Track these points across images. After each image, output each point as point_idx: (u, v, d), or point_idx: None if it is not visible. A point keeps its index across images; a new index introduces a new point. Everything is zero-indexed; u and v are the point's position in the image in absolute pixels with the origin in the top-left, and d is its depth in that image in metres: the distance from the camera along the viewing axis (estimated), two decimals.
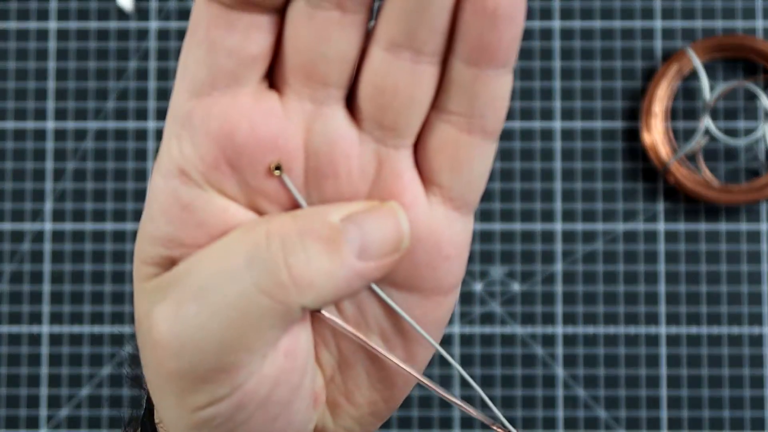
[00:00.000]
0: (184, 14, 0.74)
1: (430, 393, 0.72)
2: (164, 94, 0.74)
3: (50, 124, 0.74)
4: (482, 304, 0.72)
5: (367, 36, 0.27)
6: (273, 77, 0.28)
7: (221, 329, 0.27)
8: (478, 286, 0.72)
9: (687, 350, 0.72)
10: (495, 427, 0.32)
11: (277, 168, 0.28)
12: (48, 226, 0.73)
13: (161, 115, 0.74)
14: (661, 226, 0.72)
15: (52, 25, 0.74)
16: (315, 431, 0.32)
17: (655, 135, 0.72)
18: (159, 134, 0.74)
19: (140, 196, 0.73)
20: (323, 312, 0.29)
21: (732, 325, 0.72)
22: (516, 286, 0.72)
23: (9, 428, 0.72)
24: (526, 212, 0.73)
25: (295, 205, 0.28)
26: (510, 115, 0.73)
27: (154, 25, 0.74)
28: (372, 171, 0.28)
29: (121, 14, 0.75)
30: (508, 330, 0.72)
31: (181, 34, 0.74)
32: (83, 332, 0.73)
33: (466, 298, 0.72)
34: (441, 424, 0.72)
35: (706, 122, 0.72)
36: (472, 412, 0.32)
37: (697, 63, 0.72)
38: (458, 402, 0.32)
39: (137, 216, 0.73)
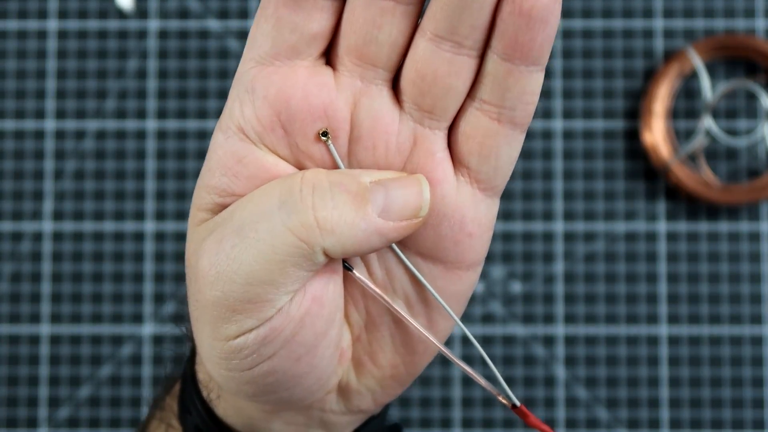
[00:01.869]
0: (184, 14, 0.74)
1: (431, 393, 0.72)
2: (164, 94, 0.74)
3: (50, 124, 0.74)
4: (483, 304, 0.72)
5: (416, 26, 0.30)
6: (330, 55, 0.31)
7: (251, 261, 0.29)
8: (478, 287, 0.72)
9: (688, 351, 0.71)
10: (500, 398, 0.34)
11: (324, 134, 0.31)
12: (47, 226, 0.73)
13: (161, 114, 0.74)
14: (661, 227, 0.72)
15: (52, 24, 0.74)
16: (339, 386, 0.34)
17: (656, 135, 0.72)
18: (159, 134, 0.73)
19: (140, 195, 0.73)
20: (354, 272, 0.32)
21: (733, 325, 0.72)
22: (517, 286, 0.72)
23: (9, 428, 0.72)
24: (526, 212, 0.72)
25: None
26: None
27: (153, 25, 0.74)
28: (408, 147, 0.31)
29: (121, 14, 0.74)
30: (508, 330, 0.72)
31: (180, 34, 0.74)
32: (83, 332, 0.72)
33: None
34: (441, 424, 0.72)
35: (707, 122, 0.71)
36: (482, 381, 0.34)
37: (698, 63, 0.71)
38: (471, 372, 0.34)
39: (137, 216, 0.73)
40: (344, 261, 0.32)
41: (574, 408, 0.71)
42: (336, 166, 0.31)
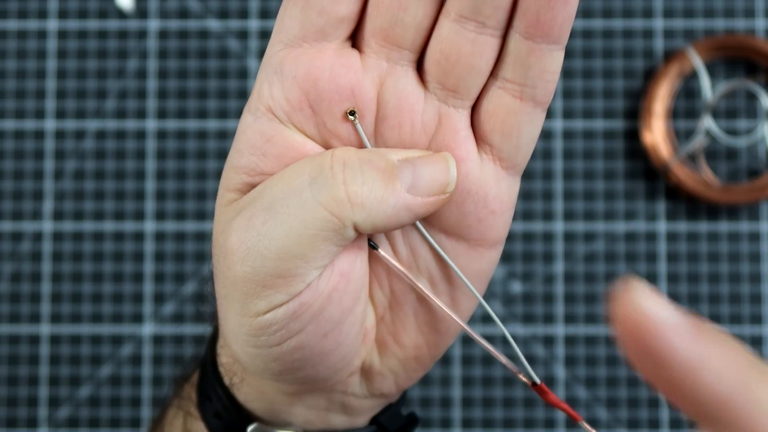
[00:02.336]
0: (184, 14, 0.74)
1: (431, 393, 0.72)
2: (163, 94, 0.74)
3: (50, 124, 0.74)
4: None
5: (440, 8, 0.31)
6: (356, 37, 0.32)
7: (282, 236, 0.30)
8: None
9: None
10: (521, 376, 0.35)
11: (352, 114, 0.31)
12: (47, 226, 0.73)
13: (161, 114, 0.74)
14: (661, 226, 0.72)
15: (52, 24, 0.74)
16: (362, 368, 0.35)
17: (656, 135, 0.72)
18: (159, 134, 0.73)
19: (140, 195, 0.73)
20: (380, 250, 0.32)
21: (733, 325, 0.72)
22: (517, 286, 0.72)
23: (9, 428, 0.72)
24: (526, 212, 0.72)
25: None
26: None
27: (153, 25, 0.74)
28: (432, 126, 0.32)
29: (121, 14, 0.74)
30: (509, 330, 0.72)
31: (180, 34, 0.74)
32: (82, 332, 0.72)
33: None
34: (441, 424, 0.72)
35: (707, 122, 0.71)
36: (503, 359, 0.35)
37: (698, 63, 0.71)
38: (493, 350, 0.35)
39: (137, 216, 0.73)
40: (369, 239, 0.33)
41: (574, 408, 0.71)
42: (363, 145, 0.32)
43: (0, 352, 0.72)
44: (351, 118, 0.31)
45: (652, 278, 0.72)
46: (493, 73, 0.31)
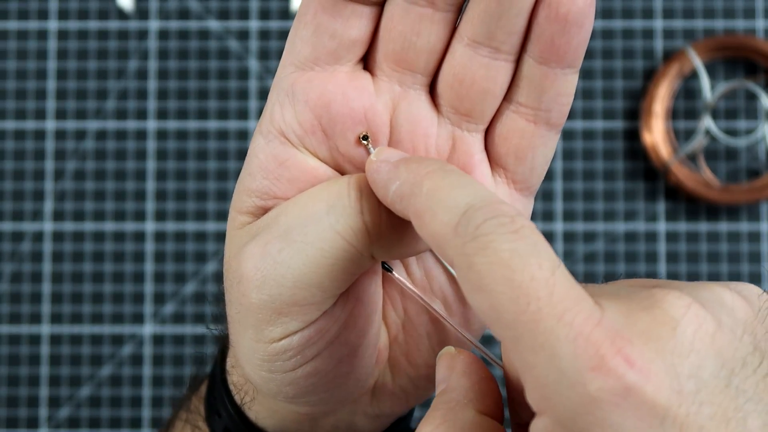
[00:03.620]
0: (184, 14, 0.74)
1: (431, 394, 0.72)
2: (164, 94, 0.74)
3: (50, 124, 0.74)
4: None
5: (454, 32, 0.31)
6: (368, 60, 0.31)
7: (299, 265, 0.29)
8: None
9: None
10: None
11: (365, 138, 0.31)
12: (48, 226, 0.73)
13: (161, 114, 0.74)
14: (661, 227, 0.72)
15: (52, 25, 0.74)
16: (375, 387, 0.35)
17: (656, 135, 0.72)
18: (159, 134, 0.74)
19: (140, 196, 0.73)
20: (394, 273, 0.32)
21: None
22: None
23: (9, 428, 0.72)
24: None
25: None
26: None
27: (154, 25, 0.74)
28: (446, 150, 0.32)
29: (121, 14, 0.75)
30: None
31: (180, 35, 0.74)
32: (83, 332, 0.72)
33: None
34: None
35: (707, 122, 0.71)
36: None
37: (698, 63, 0.71)
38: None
39: (137, 216, 0.73)
40: (383, 262, 0.33)
41: None
42: None
43: (0, 352, 0.73)
44: (364, 142, 0.31)
45: (652, 278, 0.72)
46: (507, 96, 0.31)
